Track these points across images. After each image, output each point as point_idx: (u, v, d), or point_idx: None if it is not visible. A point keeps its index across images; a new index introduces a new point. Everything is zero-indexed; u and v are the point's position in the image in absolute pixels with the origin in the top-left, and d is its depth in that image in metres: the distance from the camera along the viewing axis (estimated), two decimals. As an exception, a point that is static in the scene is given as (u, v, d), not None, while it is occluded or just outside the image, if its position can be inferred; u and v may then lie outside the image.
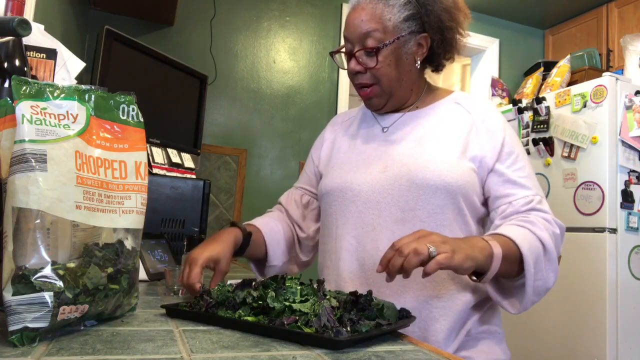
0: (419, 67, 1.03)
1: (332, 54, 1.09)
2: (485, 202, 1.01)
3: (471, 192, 0.96)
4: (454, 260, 0.76)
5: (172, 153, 1.83)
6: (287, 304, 0.67)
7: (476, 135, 0.99)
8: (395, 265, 0.76)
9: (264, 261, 1.11)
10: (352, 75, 1.03)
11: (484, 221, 1.04)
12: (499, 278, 0.91)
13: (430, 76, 1.12)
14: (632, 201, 2.36)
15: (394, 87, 1.02)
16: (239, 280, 0.79)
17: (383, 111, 1.08)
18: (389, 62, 0.98)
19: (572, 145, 2.49)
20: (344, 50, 1.04)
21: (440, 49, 1.04)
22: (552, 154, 2.59)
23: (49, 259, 0.57)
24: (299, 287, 0.71)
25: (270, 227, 1.11)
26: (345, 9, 3.17)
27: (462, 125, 1.00)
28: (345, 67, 1.05)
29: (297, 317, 0.65)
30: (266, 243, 1.08)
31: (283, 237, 1.12)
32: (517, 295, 0.90)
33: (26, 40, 0.93)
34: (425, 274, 0.75)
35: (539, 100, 2.67)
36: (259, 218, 1.14)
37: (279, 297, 0.69)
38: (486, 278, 0.85)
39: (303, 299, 0.69)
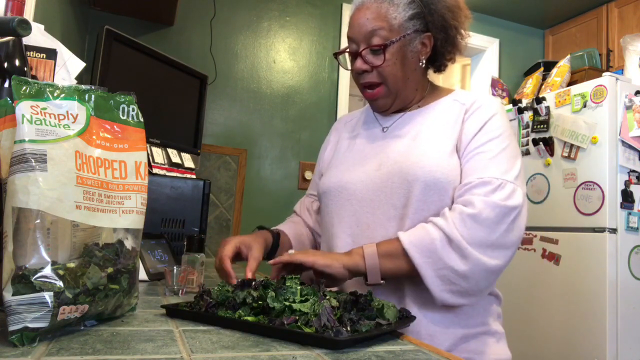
0: (423, 66, 1.03)
1: (336, 55, 1.09)
2: None
3: None
4: (317, 262, 0.86)
5: (172, 153, 1.83)
6: (287, 304, 0.67)
7: (466, 120, 0.98)
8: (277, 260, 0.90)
9: None
10: (358, 75, 1.02)
11: None
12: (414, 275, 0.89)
13: (430, 77, 1.12)
14: (632, 201, 2.36)
15: (400, 87, 1.02)
16: (239, 280, 0.79)
17: (389, 112, 1.08)
18: (395, 60, 0.98)
19: (572, 145, 2.49)
20: (348, 50, 1.03)
21: (444, 48, 1.04)
22: (552, 154, 2.59)
23: (49, 259, 0.57)
24: (299, 287, 0.71)
25: (295, 230, 1.15)
26: (346, 9, 3.17)
27: (456, 117, 0.99)
28: (350, 67, 1.05)
29: (297, 317, 0.65)
30: (292, 246, 1.12)
31: (307, 240, 1.17)
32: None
33: (26, 40, 0.93)
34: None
35: (539, 100, 2.67)
36: (282, 224, 1.18)
37: (279, 297, 0.69)
38: (370, 277, 0.88)
39: (303, 299, 0.69)
